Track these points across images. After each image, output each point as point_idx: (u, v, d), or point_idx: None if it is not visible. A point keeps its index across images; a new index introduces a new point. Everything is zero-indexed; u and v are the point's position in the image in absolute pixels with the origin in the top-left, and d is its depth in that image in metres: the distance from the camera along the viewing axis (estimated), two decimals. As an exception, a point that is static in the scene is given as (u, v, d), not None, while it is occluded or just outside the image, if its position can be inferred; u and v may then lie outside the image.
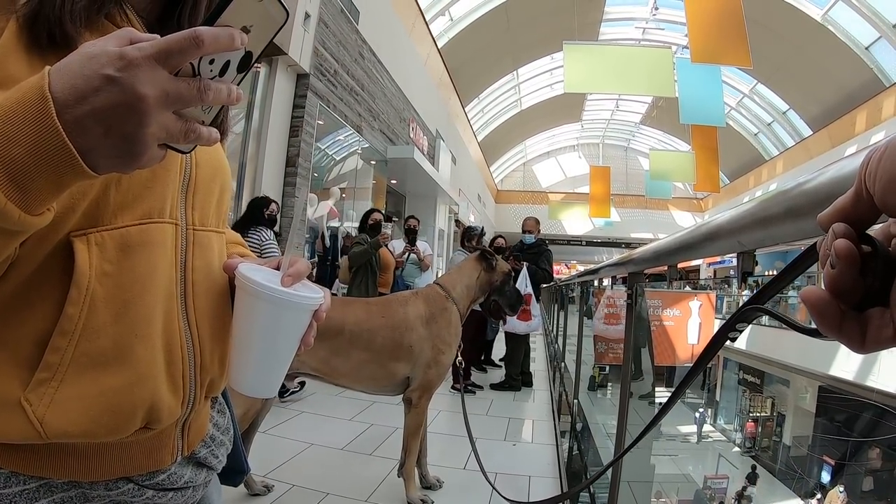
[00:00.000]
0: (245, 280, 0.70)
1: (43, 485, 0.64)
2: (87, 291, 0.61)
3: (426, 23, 14.68)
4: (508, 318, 6.17)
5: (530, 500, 3.16)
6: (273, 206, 4.94)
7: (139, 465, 0.71)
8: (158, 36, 0.50)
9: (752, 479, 10.56)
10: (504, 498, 1.93)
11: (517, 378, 6.39)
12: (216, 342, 0.76)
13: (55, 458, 0.64)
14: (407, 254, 6.13)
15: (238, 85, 0.56)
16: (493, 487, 2.17)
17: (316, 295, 0.74)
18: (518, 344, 6.42)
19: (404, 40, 12.94)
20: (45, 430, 0.59)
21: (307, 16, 7.43)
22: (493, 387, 6.28)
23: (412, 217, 6.74)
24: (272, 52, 7.02)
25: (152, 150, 0.51)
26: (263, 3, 0.54)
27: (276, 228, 5.11)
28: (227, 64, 0.54)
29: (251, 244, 4.54)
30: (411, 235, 6.37)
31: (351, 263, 5.47)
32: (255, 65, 0.58)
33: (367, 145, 10.41)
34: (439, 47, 16.33)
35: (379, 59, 10.74)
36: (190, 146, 0.55)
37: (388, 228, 5.63)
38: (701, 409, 12.89)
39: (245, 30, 0.54)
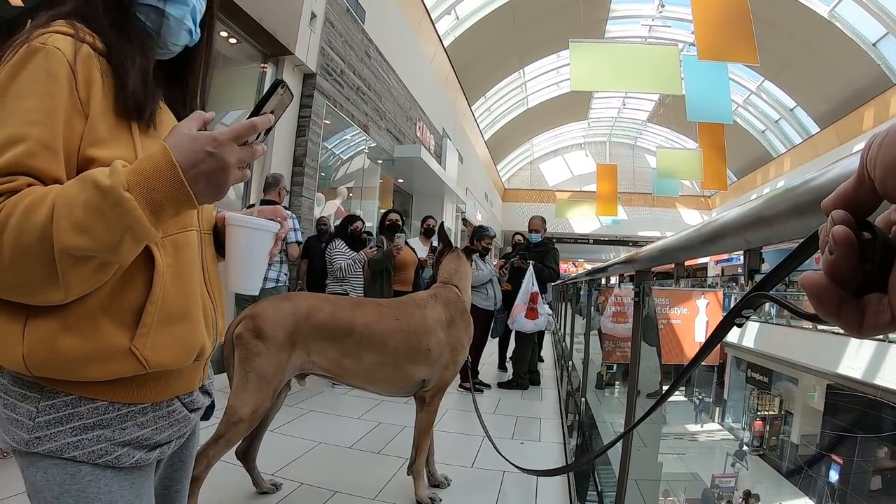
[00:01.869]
0: (232, 219, 1.08)
1: (130, 411, 0.95)
2: (162, 277, 0.93)
3: (432, 21, 14.67)
4: (517, 316, 6.20)
5: (539, 470, 3.17)
6: (357, 223, 6.00)
7: (185, 386, 1.06)
8: (213, 113, 0.93)
9: (740, 455, 10.58)
10: (513, 465, 1.94)
11: (524, 376, 6.39)
12: (219, 303, 1.13)
13: (140, 389, 0.96)
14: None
15: (263, 142, 0.94)
16: (506, 459, 2.18)
17: (270, 223, 1.11)
18: (525, 343, 6.43)
19: (410, 39, 12.95)
20: (148, 364, 0.91)
21: (313, 16, 7.45)
22: (501, 385, 6.28)
23: (430, 217, 6.77)
24: (279, 53, 7.06)
25: (226, 192, 0.87)
26: (283, 95, 0.94)
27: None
28: (259, 133, 0.90)
29: (330, 250, 5.77)
30: (432, 235, 6.38)
31: (370, 268, 5.73)
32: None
33: (373, 144, 10.43)
34: (445, 46, 16.33)
35: (385, 58, 10.74)
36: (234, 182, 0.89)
37: (401, 238, 5.71)
38: (700, 397, 12.86)
39: (272, 112, 0.92)
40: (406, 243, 5.86)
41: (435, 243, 6.19)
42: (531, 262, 6.33)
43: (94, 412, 0.91)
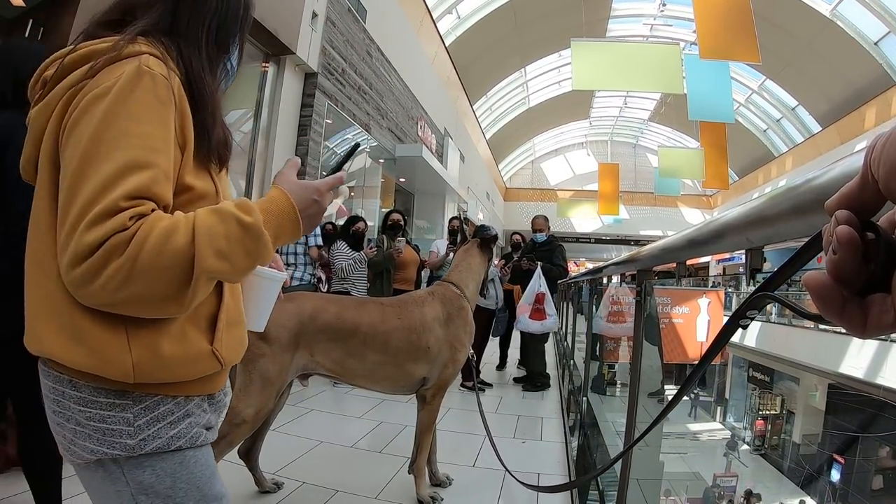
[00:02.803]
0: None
1: (199, 401, 1.08)
2: (226, 291, 1.10)
3: (433, 21, 14.68)
4: (521, 317, 6.17)
5: (540, 485, 3.17)
6: (360, 224, 6.11)
7: (224, 379, 1.18)
8: (299, 159, 1.19)
9: (731, 446, 10.60)
10: (517, 480, 1.94)
11: (547, 375, 6.39)
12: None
13: (203, 383, 1.07)
14: (451, 255, 6.17)
15: None
16: (508, 471, 2.18)
17: (282, 274, 1.31)
18: (540, 342, 6.43)
19: (412, 38, 12.95)
20: (224, 362, 1.07)
21: (314, 15, 7.46)
22: (526, 388, 6.24)
23: (455, 217, 6.81)
24: (280, 52, 7.06)
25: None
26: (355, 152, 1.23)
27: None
28: None
29: (332, 250, 5.87)
30: (455, 235, 6.37)
31: (370, 269, 5.86)
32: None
33: (375, 144, 10.44)
34: (447, 45, 16.33)
35: (387, 57, 10.75)
36: None
37: (401, 242, 5.76)
38: (696, 393, 12.88)
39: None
40: (408, 242, 5.88)
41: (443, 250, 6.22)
42: (539, 263, 6.30)
43: (179, 406, 1.03)
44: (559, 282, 7.00)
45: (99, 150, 0.84)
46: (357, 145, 1.24)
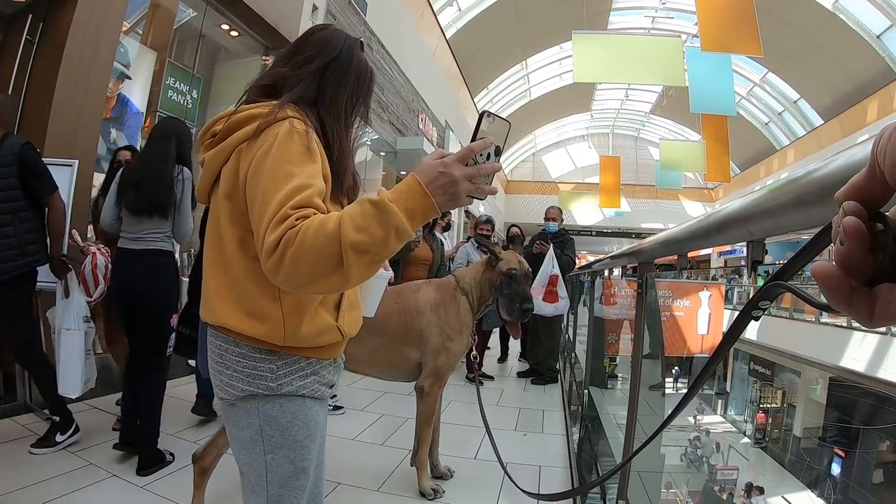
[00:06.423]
0: None
1: (325, 363, 1.41)
2: None
3: (434, 14, 14.64)
4: (534, 299, 6.14)
5: (540, 493, 3.17)
6: None
7: (342, 347, 1.48)
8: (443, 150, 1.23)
9: (700, 410, 10.72)
10: (518, 487, 1.94)
11: (557, 370, 6.41)
12: None
13: (330, 349, 1.39)
14: (459, 248, 6.18)
15: (498, 161, 1.17)
16: (507, 475, 2.17)
17: (388, 272, 1.65)
18: (554, 332, 6.48)
19: (413, 32, 12.91)
20: (344, 334, 1.39)
21: (315, 8, 7.44)
22: (535, 382, 6.27)
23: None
24: (281, 46, 7.04)
25: (463, 199, 1.13)
26: (494, 123, 1.16)
27: None
28: (488, 154, 1.14)
29: None
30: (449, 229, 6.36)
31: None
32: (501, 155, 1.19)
33: (376, 137, 10.40)
34: (448, 38, 16.29)
35: (387, 50, 10.72)
36: (482, 196, 1.17)
37: (418, 233, 5.70)
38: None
39: (490, 137, 1.14)
40: (424, 238, 5.85)
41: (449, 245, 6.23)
42: (551, 244, 6.30)
43: (310, 365, 1.36)
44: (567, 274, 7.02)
45: (274, 186, 1.14)
46: (482, 115, 1.17)
